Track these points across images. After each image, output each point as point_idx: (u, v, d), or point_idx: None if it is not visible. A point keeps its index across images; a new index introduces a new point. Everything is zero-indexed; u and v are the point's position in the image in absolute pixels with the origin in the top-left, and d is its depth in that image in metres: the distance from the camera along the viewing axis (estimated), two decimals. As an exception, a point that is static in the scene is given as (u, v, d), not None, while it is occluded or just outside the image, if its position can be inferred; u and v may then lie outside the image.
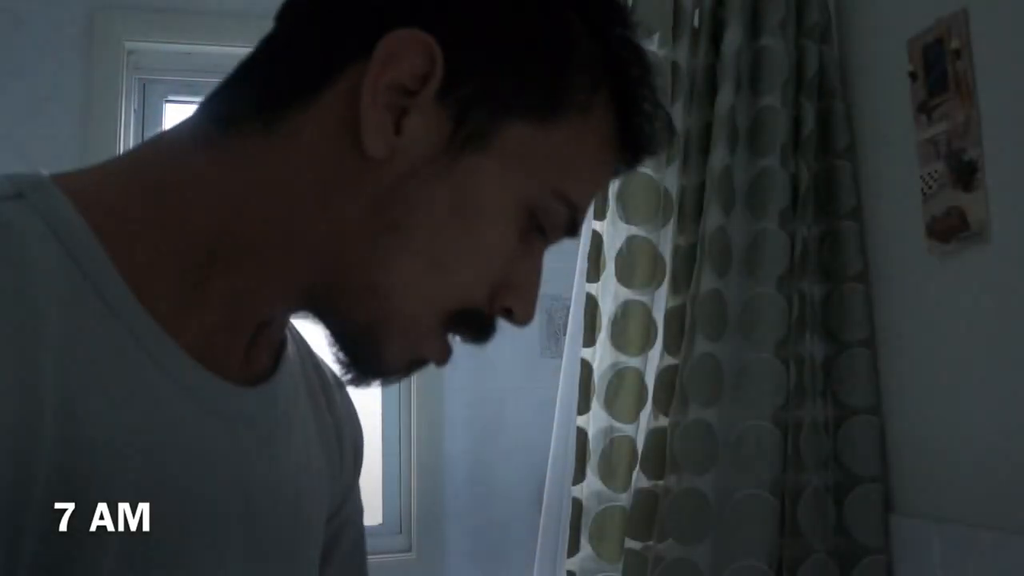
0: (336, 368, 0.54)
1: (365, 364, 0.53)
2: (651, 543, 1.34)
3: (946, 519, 1.26)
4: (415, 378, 2.21)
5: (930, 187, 1.28)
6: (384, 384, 0.55)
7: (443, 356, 0.54)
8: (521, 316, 0.54)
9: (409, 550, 2.16)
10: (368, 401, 2.26)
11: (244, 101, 0.51)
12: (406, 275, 0.50)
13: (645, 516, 1.35)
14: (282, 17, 0.53)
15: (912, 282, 1.35)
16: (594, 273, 1.44)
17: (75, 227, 0.45)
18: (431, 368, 0.56)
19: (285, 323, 0.58)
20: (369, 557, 0.78)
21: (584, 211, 0.55)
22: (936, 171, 1.27)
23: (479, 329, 0.54)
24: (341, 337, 0.53)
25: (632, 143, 0.56)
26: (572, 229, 0.55)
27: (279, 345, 0.58)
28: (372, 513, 2.21)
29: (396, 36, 0.48)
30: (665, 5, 1.46)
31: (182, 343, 0.48)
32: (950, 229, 1.25)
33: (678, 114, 1.46)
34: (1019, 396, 1.15)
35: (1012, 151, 1.16)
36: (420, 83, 0.49)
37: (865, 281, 1.43)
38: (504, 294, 0.53)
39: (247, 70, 0.52)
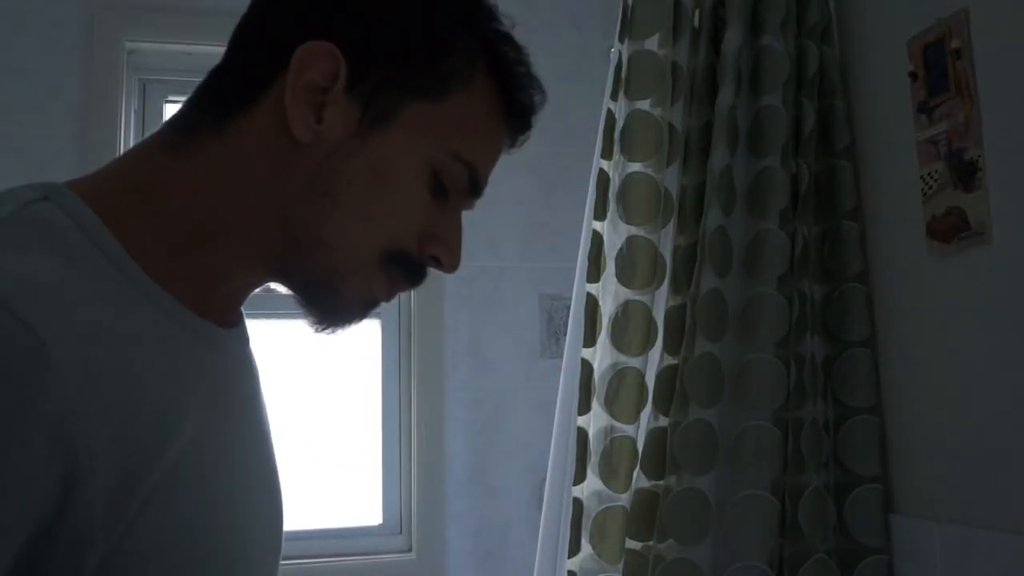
0: (310, 324, 0.67)
1: (330, 310, 0.66)
2: (651, 543, 1.34)
3: (946, 519, 1.26)
4: (415, 377, 2.22)
5: (930, 187, 1.28)
6: (347, 326, 0.68)
7: (389, 293, 0.67)
8: (447, 263, 0.68)
9: (409, 550, 2.16)
10: (368, 401, 2.26)
11: (200, 112, 0.64)
12: (343, 229, 0.63)
13: (645, 516, 1.35)
14: (228, 46, 0.67)
15: (912, 282, 1.35)
16: (594, 273, 1.44)
17: (93, 222, 0.57)
18: (431, 368, 0.63)
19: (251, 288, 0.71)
20: (369, 557, 0.83)
21: (482, 172, 0.68)
22: (936, 171, 1.27)
23: (411, 271, 0.67)
24: (306, 292, 0.66)
25: (513, 108, 0.69)
26: (475, 189, 0.68)
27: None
28: (372, 513, 2.21)
29: (306, 48, 0.61)
30: (665, 5, 1.46)
31: (183, 304, 0.61)
32: (950, 229, 1.25)
33: (678, 114, 1.46)
34: (1019, 396, 1.15)
35: (1013, 151, 1.16)
36: (331, 81, 0.62)
37: (865, 281, 1.43)
38: (429, 244, 0.67)
39: (202, 90, 0.66)
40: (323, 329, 0.67)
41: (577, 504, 1.39)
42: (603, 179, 1.47)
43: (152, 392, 0.54)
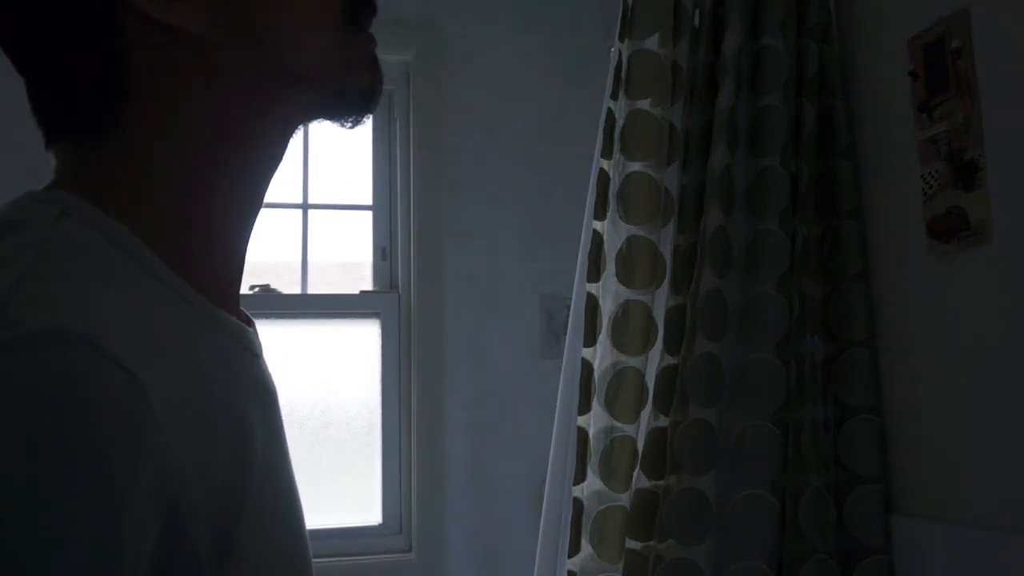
0: (343, 126, 0.64)
1: (352, 104, 0.63)
2: (651, 543, 1.34)
3: (947, 519, 1.26)
4: (415, 378, 2.22)
5: (931, 187, 1.28)
6: (376, 98, 0.64)
7: (371, 38, 0.63)
8: None
9: (409, 550, 2.16)
10: (368, 401, 2.26)
11: (84, 111, 0.56)
12: (300, 44, 0.58)
13: (645, 516, 1.35)
14: (20, 64, 0.58)
15: (912, 282, 1.35)
16: (594, 273, 1.44)
17: (124, 235, 0.51)
18: (431, 367, 0.61)
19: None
20: (369, 557, 0.80)
21: None
22: (937, 171, 1.27)
23: (365, 6, 0.62)
24: (323, 111, 0.63)
25: None
26: None
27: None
28: (372, 513, 2.21)
29: None
30: (665, 5, 1.46)
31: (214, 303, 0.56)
32: (951, 229, 1.25)
33: (678, 114, 1.46)
34: (1020, 396, 1.15)
35: (1013, 150, 1.16)
36: None
37: (865, 281, 1.43)
38: None
39: (58, 96, 0.58)
40: (358, 119, 0.64)
41: (577, 504, 1.39)
42: (603, 179, 1.47)
43: (227, 418, 0.51)
